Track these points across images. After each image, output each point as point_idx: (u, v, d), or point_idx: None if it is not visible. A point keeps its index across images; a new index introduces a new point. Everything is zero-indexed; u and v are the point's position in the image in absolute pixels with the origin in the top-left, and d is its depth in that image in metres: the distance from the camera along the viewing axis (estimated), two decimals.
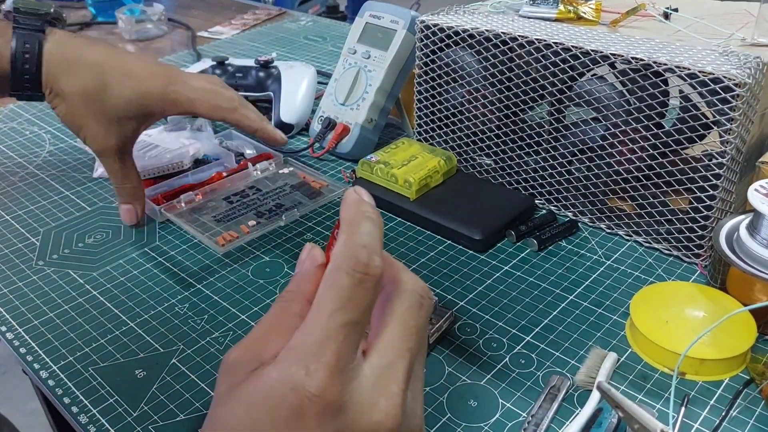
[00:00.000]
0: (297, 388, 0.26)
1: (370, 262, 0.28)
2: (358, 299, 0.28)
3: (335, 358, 0.27)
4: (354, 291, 0.28)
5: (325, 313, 0.27)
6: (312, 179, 0.69)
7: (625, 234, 0.60)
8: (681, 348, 0.44)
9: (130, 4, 1.27)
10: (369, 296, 0.28)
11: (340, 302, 0.27)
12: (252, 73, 0.84)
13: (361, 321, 0.28)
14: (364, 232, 0.30)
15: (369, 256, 0.28)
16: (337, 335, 0.27)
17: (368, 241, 0.29)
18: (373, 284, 0.28)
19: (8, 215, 0.66)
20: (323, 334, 0.27)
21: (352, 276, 0.28)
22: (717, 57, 0.52)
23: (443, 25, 0.64)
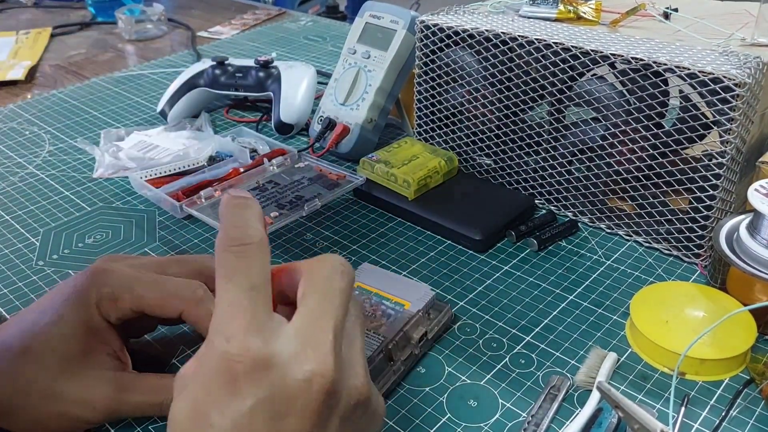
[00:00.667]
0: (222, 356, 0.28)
1: (242, 235, 0.31)
2: (246, 267, 0.30)
3: (246, 318, 0.29)
4: (239, 262, 0.30)
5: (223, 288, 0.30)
6: (329, 171, 0.69)
7: (625, 234, 0.60)
8: (681, 348, 0.44)
9: (130, 5, 1.27)
10: (255, 262, 0.31)
11: (229, 275, 0.30)
12: (252, 73, 0.84)
13: (258, 284, 0.30)
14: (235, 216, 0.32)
15: (240, 231, 0.31)
16: (240, 301, 0.29)
17: (238, 221, 0.32)
18: (254, 251, 0.31)
19: (8, 215, 0.66)
20: (227, 304, 0.29)
21: (230, 251, 0.31)
22: (717, 57, 0.52)
23: (443, 25, 0.64)
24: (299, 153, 0.72)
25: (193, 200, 0.64)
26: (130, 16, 1.23)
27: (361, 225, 0.63)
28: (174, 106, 0.84)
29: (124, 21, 1.23)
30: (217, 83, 0.85)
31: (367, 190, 0.66)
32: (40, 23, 1.33)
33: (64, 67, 1.11)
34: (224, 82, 0.85)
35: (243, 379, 0.28)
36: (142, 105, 0.92)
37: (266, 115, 0.86)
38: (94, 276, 0.41)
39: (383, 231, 0.62)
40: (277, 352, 0.28)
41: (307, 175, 0.69)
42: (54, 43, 1.24)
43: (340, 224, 0.64)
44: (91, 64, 1.12)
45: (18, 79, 1.04)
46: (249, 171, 0.69)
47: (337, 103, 0.75)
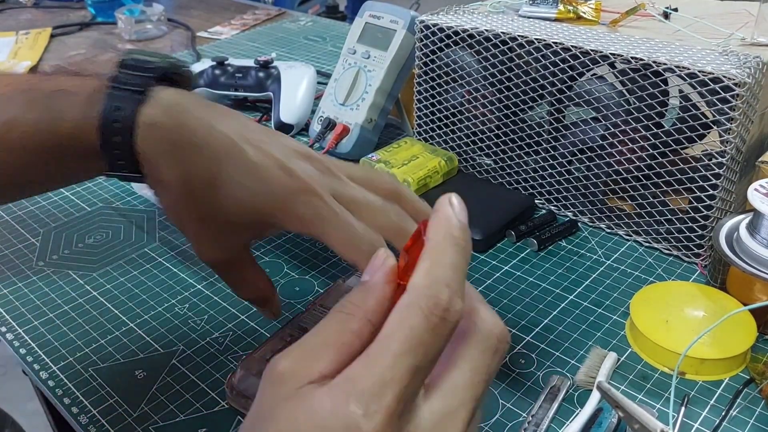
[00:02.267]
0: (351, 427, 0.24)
1: (450, 307, 0.25)
2: (430, 344, 0.25)
3: (396, 402, 0.24)
4: (427, 335, 0.25)
5: (392, 353, 0.25)
6: None
7: (625, 234, 0.60)
8: (681, 348, 0.44)
9: (130, 5, 1.27)
10: (442, 342, 0.26)
11: (409, 344, 0.25)
12: (252, 74, 0.84)
13: (428, 366, 0.25)
14: (450, 264, 0.26)
15: (450, 299, 0.25)
16: (402, 379, 0.25)
17: (452, 279, 0.26)
18: (449, 330, 0.25)
19: (8, 216, 0.66)
20: (387, 375, 0.25)
21: (428, 319, 0.25)
22: (717, 57, 0.52)
23: (443, 25, 0.64)
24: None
25: None
26: (129, 17, 1.23)
27: None
28: None
29: (124, 21, 1.22)
30: (217, 83, 0.85)
31: None
32: (40, 23, 1.33)
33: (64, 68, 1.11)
34: (224, 83, 0.85)
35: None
36: None
37: (266, 116, 0.86)
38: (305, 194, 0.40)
39: None
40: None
41: None
42: (54, 43, 1.24)
43: None
44: (91, 64, 1.12)
45: None
46: None
47: (337, 103, 0.75)
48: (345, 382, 0.25)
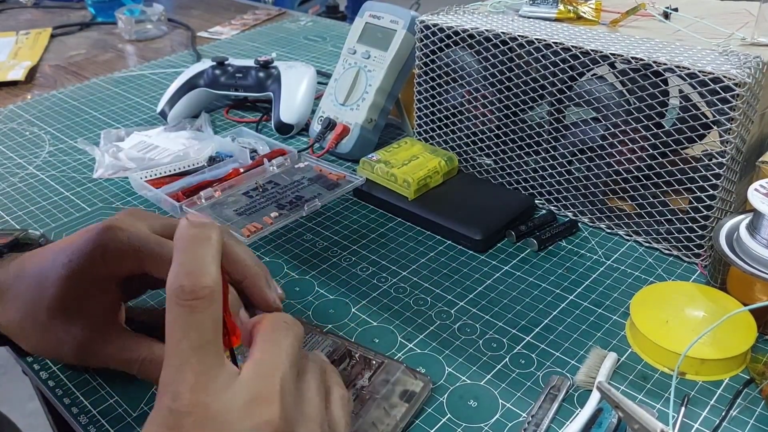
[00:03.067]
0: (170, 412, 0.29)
1: (196, 287, 0.30)
2: (197, 324, 0.29)
3: (194, 376, 0.29)
4: (190, 318, 0.29)
5: (173, 345, 0.29)
6: (329, 172, 0.69)
7: (625, 234, 0.60)
8: (681, 348, 0.44)
9: (130, 5, 1.27)
10: (207, 316, 0.30)
11: (182, 331, 0.29)
12: (252, 74, 0.84)
13: (209, 339, 0.30)
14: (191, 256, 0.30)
15: (193, 281, 0.30)
16: (189, 359, 0.29)
17: (193, 265, 0.30)
18: (206, 305, 0.30)
19: (8, 216, 0.66)
20: (177, 361, 0.29)
21: (183, 305, 0.29)
22: (717, 57, 0.52)
23: (443, 25, 0.64)
24: (299, 153, 0.72)
25: (193, 201, 0.65)
26: (130, 17, 1.23)
27: (361, 225, 0.63)
28: (174, 107, 0.84)
29: (124, 21, 1.23)
30: (217, 83, 0.85)
31: (367, 190, 0.66)
32: (40, 24, 1.33)
33: (64, 68, 1.11)
34: (224, 83, 0.85)
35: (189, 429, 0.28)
36: (142, 105, 0.92)
37: (266, 116, 0.86)
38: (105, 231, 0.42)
39: (383, 231, 0.62)
40: (225, 405, 0.29)
41: (307, 176, 0.69)
42: (54, 43, 1.24)
43: (340, 224, 0.64)
44: (91, 64, 1.12)
45: (18, 79, 1.04)
46: (249, 171, 0.69)
47: (337, 103, 0.75)
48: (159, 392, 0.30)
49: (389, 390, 0.43)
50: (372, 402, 0.42)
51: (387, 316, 0.52)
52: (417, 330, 0.50)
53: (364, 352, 0.45)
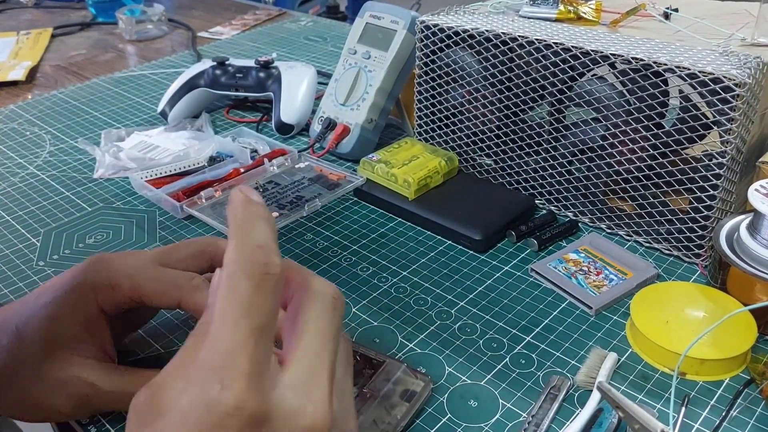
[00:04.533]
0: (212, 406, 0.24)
1: (269, 261, 0.26)
2: (262, 303, 0.26)
3: (249, 366, 0.25)
4: (256, 294, 0.26)
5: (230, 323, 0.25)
6: (329, 172, 0.69)
7: (626, 234, 0.60)
8: (681, 348, 0.44)
9: (131, 5, 1.27)
10: (272, 297, 0.26)
11: (243, 308, 0.25)
12: (252, 74, 0.84)
13: (268, 325, 0.26)
14: (258, 231, 0.27)
15: (266, 255, 0.26)
16: (247, 343, 0.25)
17: (263, 241, 0.27)
18: (274, 284, 0.26)
19: (9, 216, 0.66)
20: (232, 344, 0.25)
21: (251, 279, 0.26)
22: (717, 57, 0.52)
23: (443, 26, 0.64)
24: (299, 153, 0.73)
25: (193, 200, 0.65)
26: (130, 17, 1.23)
27: (361, 225, 0.63)
28: (174, 107, 0.84)
29: (125, 21, 1.23)
30: (218, 84, 0.85)
31: (368, 190, 0.66)
32: (41, 24, 1.34)
33: (64, 68, 1.11)
34: (224, 83, 0.85)
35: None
36: (142, 105, 0.92)
37: (266, 116, 0.86)
38: (94, 263, 0.40)
39: (383, 231, 0.62)
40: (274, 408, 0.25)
41: (308, 176, 0.69)
42: (54, 43, 1.24)
43: (340, 224, 0.64)
44: (92, 64, 1.13)
45: (18, 79, 1.04)
46: (249, 171, 0.69)
47: (338, 104, 0.75)
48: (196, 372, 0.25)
49: (390, 389, 0.43)
50: (373, 401, 0.42)
51: (387, 316, 0.52)
52: (417, 330, 0.50)
53: (365, 352, 0.45)
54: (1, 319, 0.40)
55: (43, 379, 0.38)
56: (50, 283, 0.41)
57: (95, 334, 0.40)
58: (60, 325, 0.38)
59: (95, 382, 0.38)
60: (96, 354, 0.40)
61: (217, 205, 0.64)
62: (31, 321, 0.38)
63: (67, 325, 0.39)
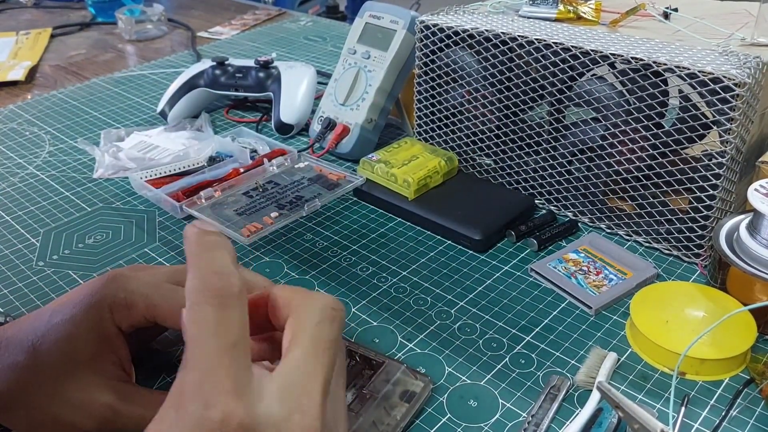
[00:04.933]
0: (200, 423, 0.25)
1: (225, 284, 0.28)
2: (227, 322, 0.27)
3: (228, 380, 0.26)
4: (220, 316, 0.27)
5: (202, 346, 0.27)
6: (329, 171, 0.69)
7: (625, 234, 0.60)
8: (681, 348, 0.44)
9: (130, 5, 1.27)
10: (237, 316, 0.28)
11: (210, 331, 0.27)
12: (252, 74, 0.84)
13: (239, 341, 0.27)
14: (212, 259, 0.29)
15: (221, 279, 0.28)
16: (221, 361, 0.26)
17: (218, 267, 0.29)
18: (236, 303, 0.28)
19: (8, 216, 0.66)
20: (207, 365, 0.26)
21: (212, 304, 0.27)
22: (717, 57, 0.52)
23: (443, 26, 0.64)
24: (299, 153, 0.72)
25: (193, 200, 0.65)
26: (130, 17, 1.23)
27: (361, 225, 0.63)
28: (174, 107, 0.84)
29: (124, 21, 1.23)
30: (217, 83, 0.85)
31: (367, 190, 0.66)
32: (40, 24, 1.33)
33: (64, 68, 1.11)
34: (224, 83, 0.85)
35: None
36: (142, 105, 0.92)
37: (266, 116, 0.86)
38: (110, 281, 0.40)
39: (383, 231, 0.62)
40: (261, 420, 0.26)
41: (307, 176, 0.69)
42: (54, 43, 1.24)
43: (340, 224, 0.64)
44: (91, 64, 1.13)
45: (18, 79, 1.04)
46: (249, 171, 0.69)
47: (337, 104, 0.75)
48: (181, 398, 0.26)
49: (390, 390, 0.43)
50: (372, 402, 0.42)
51: (387, 316, 0.52)
52: (417, 330, 0.50)
53: (365, 352, 0.45)
54: (16, 334, 0.39)
55: (63, 398, 0.37)
56: (66, 298, 0.40)
57: (114, 352, 0.40)
58: (78, 344, 0.38)
59: (115, 406, 0.38)
60: (115, 373, 0.39)
61: (216, 205, 0.64)
62: (47, 338, 0.38)
63: (86, 343, 0.38)
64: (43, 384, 0.37)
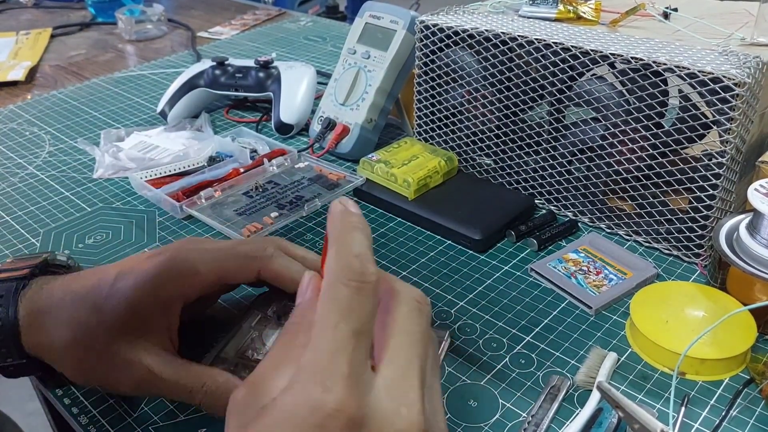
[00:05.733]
0: (316, 407, 0.25)
1: (365, 270, 0.28)
2: (360, 308, 0.28)
3: (349, 368, 0.26)
4: (354, 300, 0.27)
5: (330, 327, 0.27)
6: (329, 171, 0.69)
7: (625, 234, 0.60)
8: (681, 348, 0.44)
9: (130, 5, 1.27)
10: (369, 303, 0.28)
11: (342, 313, 0.27)
12: (252, 74, 0.84)
13: (366, 329, 0.28)
14: (355, 242, 0.29)
15: (363, 264, 0.28)
16: (346, 346, 0.27)
17: (360, 251, 0.29)
18: (371, 291, 0.28)
19: (8, 216, 0.66)
20: (332, 347, 0.26)
21: (349, 286, 0.28)
22: (717, 57, 0.52)
23: (443, 25, 0.64)
24: (299, 153, 0.73)
25: (193, 200, 0.65)
26: (130, 17, 1.23)
27: None
28: (174, 107, 0.84)
29: (124, 21, 1.23)
30: (217, 83, 0.85)
31: (367, 190, 0.66)
32: (41, 24, 1.33)
33: (64, 68, 1.11)
34: (224, 83, 0.85)
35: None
36: (142, 105, 0.92)
37: (266, 116, 0.86)
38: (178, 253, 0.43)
39: (383, 231, 0.62)
40: (371, 411, 0.26)
41: (307, 176, 0.69)
42: (54, 43, 1.24)
43: None
44: (91, 64, 1.13)
45: (18, 79, 1.04)
46: (249, 171, 0.69)
47: (337, 103, 0.75)
48: (299, 374, 0.27)
49: None
50: None
51: None
52: None
53: None
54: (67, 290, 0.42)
55: (112, 357, 0.40)
56: (132, 263, 0.43)
57: (167, 321, 0.42)
58: (137, 310, 0.41)
59: (154, 369, 0.40)
60: (162, 341, 0.42)
61: (216, 205, 0.64)
62: (109, 301, 0.40)
63: (145, 311, 0.41)
64: (98, 341, 0.40)
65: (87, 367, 0.41)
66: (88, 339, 0.40)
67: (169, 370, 0.41)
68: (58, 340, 0.41)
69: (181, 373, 0.41)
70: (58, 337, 0.41)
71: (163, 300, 0.42)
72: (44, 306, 0.41)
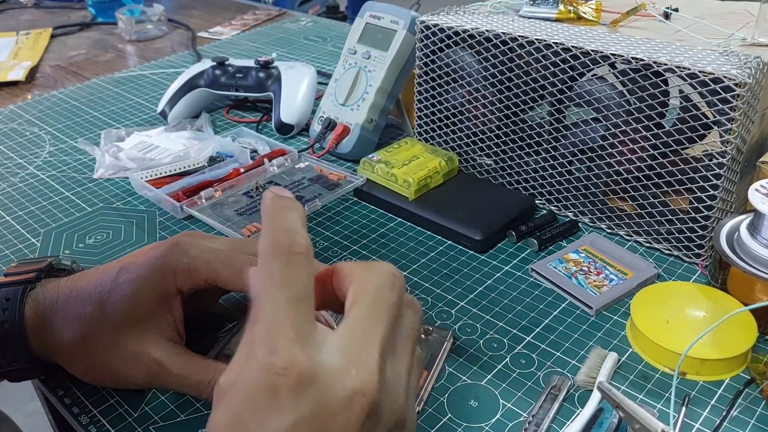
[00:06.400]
0: (266, 369, 0.27)
1: (293, 242, 0.30)
2: (293, 277, 0.29)
3: (293, 331, 0.28)
4: (287, 271, 0.29)
5: (270, 299, 0.29)
6: (329, 172, 0.69)
7: (626, 234, 0.60)
8: (681, 348, 0.44)
9: (130, 5, 1.27)
10: (304, 272, 0.29)
11: (277, 284, 0.29)
12: (252, 74, 0.84)
13: (304, 296, 0.29)
14: (285, 219, 0.31)
15: (290, 237, 0.30)
16: (287, 312, 0.28)
17: (288, 226, 0.30)
18: (302, 261, 0.30)
19: (8, 216, 0.66)
20: (273, 315, 0.28)
21: (280, 259, 0.29)
22: (717, 57, 0.52)
23: (443, 26, 0.64)
24: (299, 153, 0.73)
25: (193, 200, 0.65)
26: (130, 17, 1.23)
27: (361, 225, 0.63)
28: (174, 107, 0.84)
29: (125, 21, 1.23)
30: (218, 84, 0.85)
31: (368, 191, 0.66)
32: (41, 24, 1.33)
33: (64, 68, 1.11)
34: (224, 83, 0.85)
35: (286, 393, 0.27)
36: (142, 105, 0.92)
37: (266, 116, 0.86)
38: (175, 246, 0.43)
39: (383, 231, 0.62)
40: (321, 367, 0.28)
41: (308, 176, 0.69)
42: (54, 43, 1.24)
43: (340, 224, 0.64)
44: (92, 64, 1.12)
45: (18, 79, 1.04)
46: (249, 171, 0.69)
47: (338, 104, 0.75)
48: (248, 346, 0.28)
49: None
50: None
51: None
52: None
53: None
54: (72, 287, 0.43)
55: (120, 350, 0.41)
56: (133, 258, 0.44)
57: (171, 313, 0.43)
58: (141, 302, 0.42)
59: (164, 363, 0.41)
60: (169, 333, 0.43)
61: (217, 205, 0.64)
62: (113, 294, 0.41)
63: (147, 302, 0.42)
64: (105, 335, 0.41)
65: (97, 362, 0.42)
66: (96, 333, 0.41)
67: (177, 362, 0.42)
68: (66, 337, 0.41)
69: (189, 367, 0.42)
70: (67, 333, 0.41)
71: (162, 293, 0.42)
72: (51, 304, 0.42)
